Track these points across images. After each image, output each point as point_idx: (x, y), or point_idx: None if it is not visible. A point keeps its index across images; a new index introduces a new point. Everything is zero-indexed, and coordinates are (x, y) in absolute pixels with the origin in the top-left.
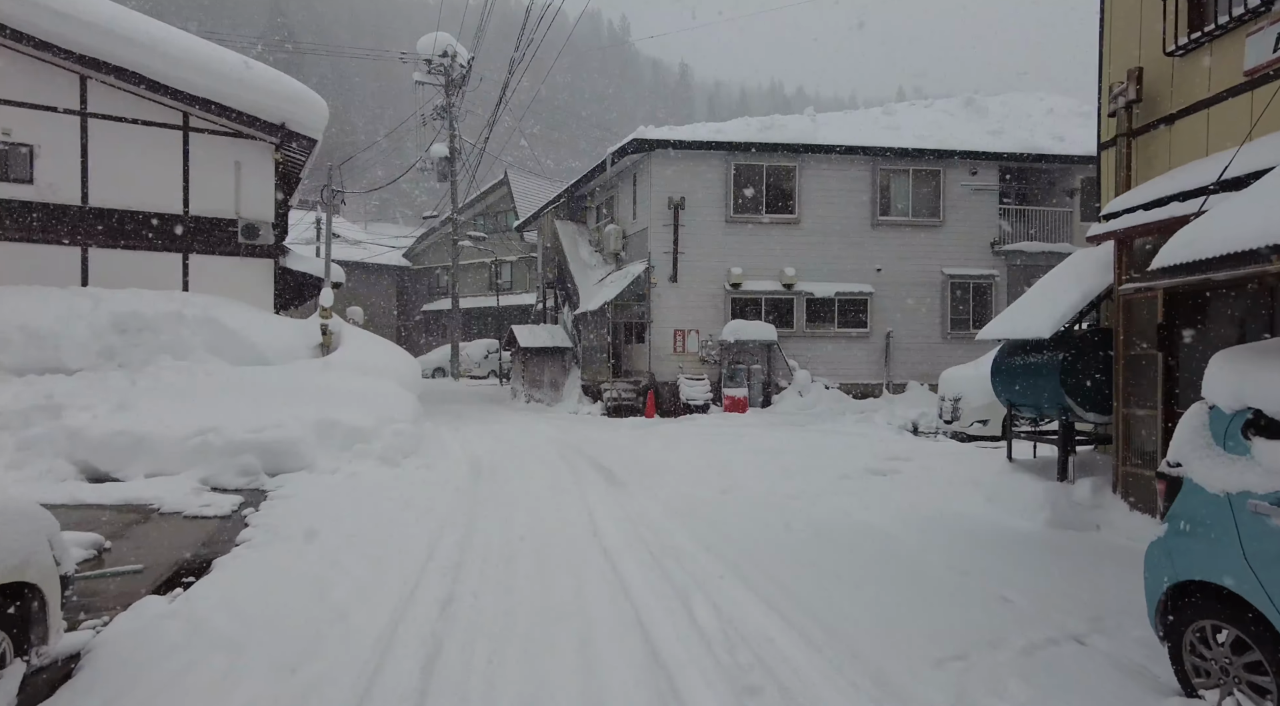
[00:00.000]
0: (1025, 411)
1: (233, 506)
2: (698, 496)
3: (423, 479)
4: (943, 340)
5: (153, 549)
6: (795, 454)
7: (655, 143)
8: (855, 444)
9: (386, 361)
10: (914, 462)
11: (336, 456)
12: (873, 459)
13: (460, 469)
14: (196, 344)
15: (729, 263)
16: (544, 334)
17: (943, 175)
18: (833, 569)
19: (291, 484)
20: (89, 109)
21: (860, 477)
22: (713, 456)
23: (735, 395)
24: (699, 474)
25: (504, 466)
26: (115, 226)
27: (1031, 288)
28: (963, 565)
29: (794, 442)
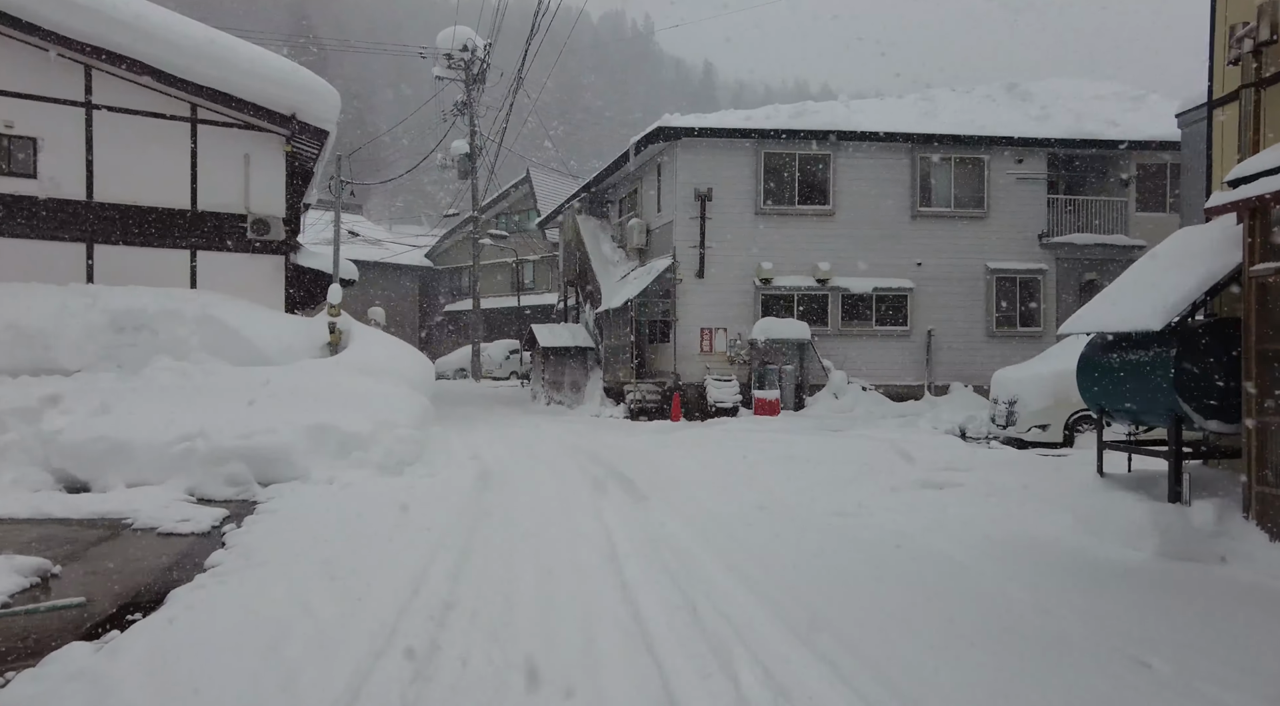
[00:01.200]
0: (1120, 418)
1: (213, 522)
2: (729, 513)
3: (423, 491)
4: (987, 339)
5: (107, 576)
6: (834, 462)
7: (680, 131)
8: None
9: (397, 362)
10: (973, 474)
11: (332, 464)
12: (925, 468)
13: (466, 480)
14: (196, 343)
15: (759, 257)
16: (565, 333)
17: (986, 164)
18: (900, 612)
19: (282, 496)
20: (94, 100)
21: (913, 491)
22: (743, 465)
23: (766, 397)
24: (729, 485)
25: (514, 476)
26: (121, 222)
27: (1126, 272)
28: (1061, 607)
29: (832, 449)
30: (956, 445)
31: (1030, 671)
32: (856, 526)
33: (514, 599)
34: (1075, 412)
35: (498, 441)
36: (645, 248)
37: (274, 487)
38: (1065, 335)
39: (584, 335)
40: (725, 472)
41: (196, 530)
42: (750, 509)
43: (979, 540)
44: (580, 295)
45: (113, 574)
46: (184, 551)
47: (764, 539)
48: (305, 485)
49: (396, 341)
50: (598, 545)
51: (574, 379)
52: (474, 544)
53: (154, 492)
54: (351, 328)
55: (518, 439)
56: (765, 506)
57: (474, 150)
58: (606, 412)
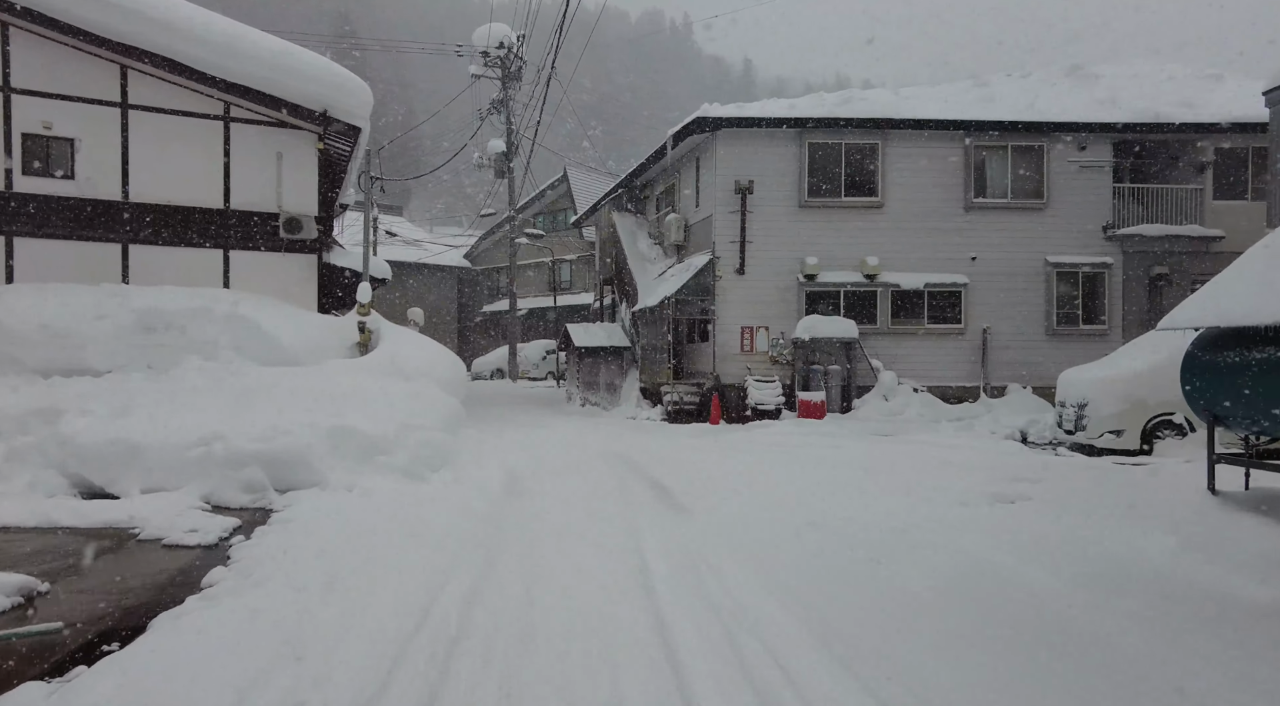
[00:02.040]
0: (1238, 425)
1: (222, 533)
2: (777, 528)
3: (445, 498)
4: (1047, 337)
5: (95, 596)
6: (890, 471)
7: (720, 121)
8: (961, 458)
9: (427, 362)
10: (1046, 485)
11: (354, 469)
12: (990, 478)
13: (492, 487)
14: (225, 343)
15: (803, 252)
16: (600, 333)
17: (1046, 151)
18: (991, 662)
19: (298, 504)
20: (129, 101)
21: (981, 505)
22: (790, 473)
23: (811, 399)
24: (775, 496)
25: (544, 483)
26: (155, 222)
27: (1238, 262)
28: (1190, 660)
29: (886, 456)
30: (1021, 452)
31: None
32: (923, 547)
33: (532, 636)
34: (1154, 417)
35: (529, 444)
36: (683, 244)
37: (291, 494)
38: (1170, 328)
39: (620, 334)
40: (770, 481)
41: (203, 542)
42: (800, 524)
43: (1070, 566)
44: (616, 294)
45: (102, 593)
46: (185, 567)
47: (818, 560)
48: (323, 492)
49: (428, 341)
50: (631, 568)
51: (610, 379)
52: (493, 563)
53: (168, 499)
54: (381, 327)
55: (550, 442)
56: (817, 522)
57: (510, 148)
58: (643, 415)
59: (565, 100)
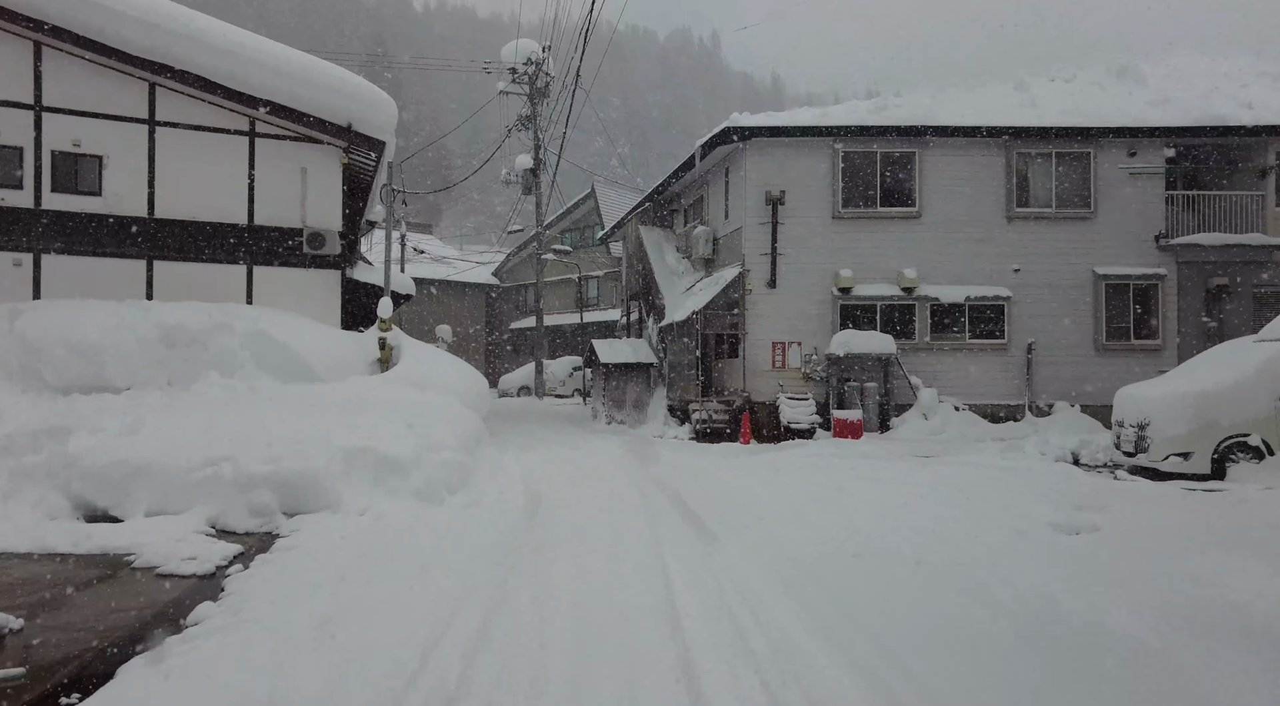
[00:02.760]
0: None
1: (221, 560)
2: (817, 558)
3: (461, 525)
4: (1096, 353)
5: (70, 634)
6: (937, 496)
7: (750, 131)
8: (1013, 482)
9: (449, 378)
10: (1113, 514)
11: (369, 492)
12: (1049, 505)
13: (511, 512)
14: (246, 359)
15: (837, 264)
16: (626, 349)
17: (1092, 157)
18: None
19: (307, 528)
20: (157, 117)
21: (1044, 535)
22: (828, 496)
23: (847, 418)
24: (813, 521)
25: (566, 505)
26: (180, 238)
27: None
28: None
29: (930, 479)
30: (1077, 476)
31: None
32: (986, 583)
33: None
34: (1228, 439)
35: (552, 464)
36: (712, 257)
37: (300, 519)
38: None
39: (646, 350)
40: (807, 506)
41: (200, 571)
42: (845, 554)
43: (1163, 611)
44: (643, 309)
45: (79, 631)
46: (175, 599)
47: (866, 595)
48: (334, 516)
49: (449, 357)
50: (657, 605)
51: (636, 396)
52: (505, 600)
53: (171, 523)
54: (402, 343)
55: (574, 461)
56: (864, 553)
57: (537, 164)
58: (670, 433)
59: (594, 118)
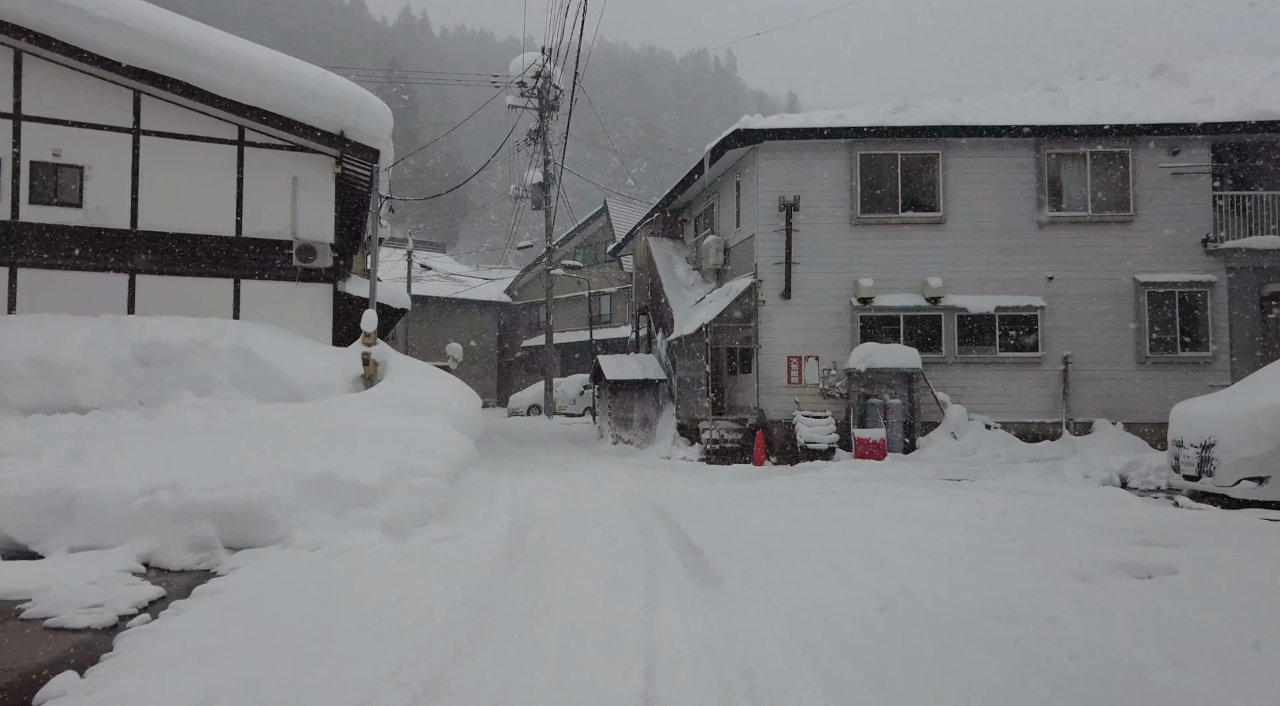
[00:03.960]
0: None
1: (130, 608)
2: (840, 610)
3: (430, 564)
4: (1139, 366)
5: None
6: (975, 528)
7: (761, 133)
8: (1060, 511)
9: (437, 396)
10: (1189, 550)
11: (329, 524)
12: (1110, 540)
13: (491, 546)
14: (225, 378)
15: (856, 273)
16: (634, 365)
17: (1131, 158)
18: None
19: (248, 567)
20: (141, 126)
21: (1110, 579)
22: (851, 528)
23: (869, 437)
24: (835, 561)
25: (556, 541)
26: (164, 251)
27: None
28: None
29: (965, 508)
30: (1131, 503)
31: None
32: (1043, 643)
33: None
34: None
35: (550, 489)
36: (723, 267)
37: (244, 554)
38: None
39: (655, 366)
40: (827, 541)
41: (97, 623)
42: (873, 605)
43: (1273, 681)
44: (652, 324)
45: None
46: (44, 664)
47: (900, 660)
48: (284, 552)
49: (439, 373)
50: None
51: (644, 415)
52: (463, 673)
53: (95, 561)
54: (389, 359)
55: (573, 486)
56: (895, 604)
57: (547, 178)
58: (679, 454)
59: (610, 138)
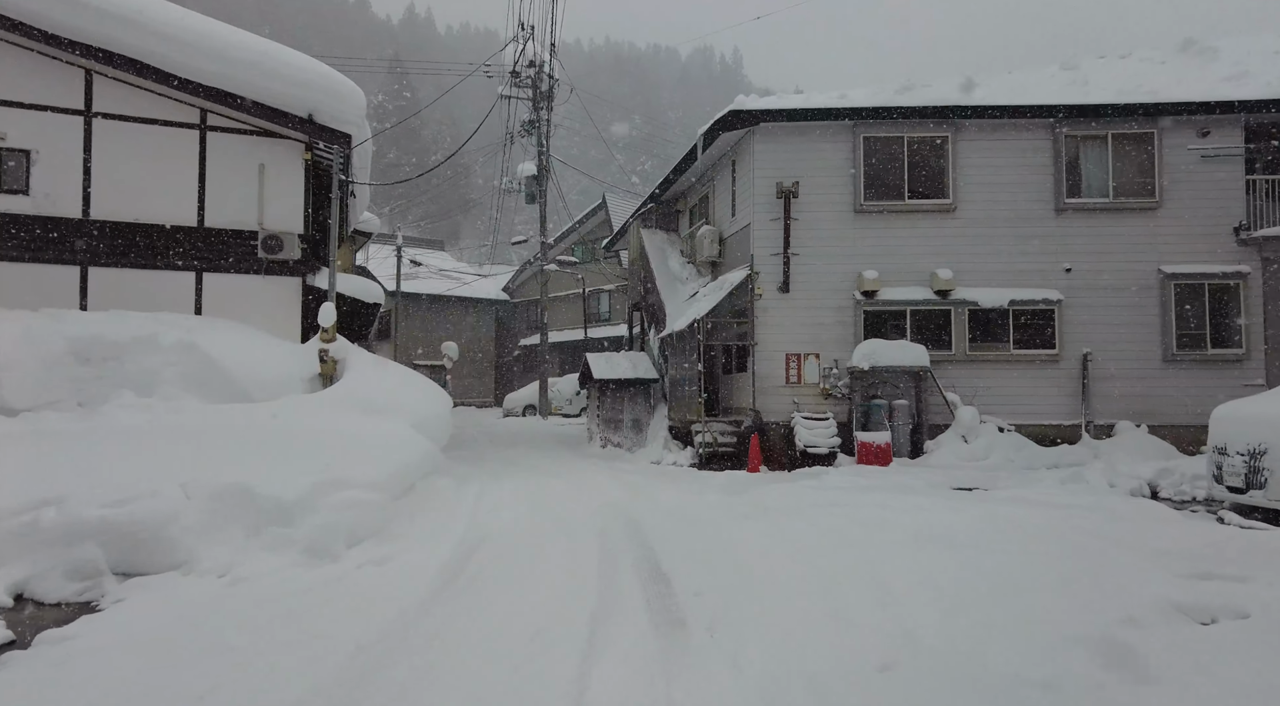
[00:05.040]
0: None
1: None
2: (831, 668)
3: (339, 597)
4: (1165, 364)
5: None
6: (997, 551)
7: (758, 114)
8: (1091, 528)
9: (399, 396)
10: (1259, 586)
11: (240, 545)
12: (1157, 569)
13: (425, 572)
14: (172, 376)
15: (859, 264)
16: (624, 363)
17: (1157, 139)
18: None
19: (134, 599)
20: (94, 108)
21: (1164, 626)
22: (853, 551)
23: (873, 441)
24: (832, 595)
25: (501, 566)
26: (120, 241)
27: None
28: None
29: (984, 524)
30: (1170, 518)
31: None
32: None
33: None
34: None
35: (521, 498)
36: (719, 259)
37: (136, 583)
38: None
39: (647, 365)
40: (824, 567)
41: None
42: (869, 661)
43: None
44: (645, 320)
45: None
46: None
47: None
48: (183, 580)
49: (403, 371)
50: None
51: (635, 416)
52: None
53: None
54: (349, 356)
55: (547, 495)
56: (895, 661)
57: (541, 171)
58: (669, 458)
59: (609, 133)
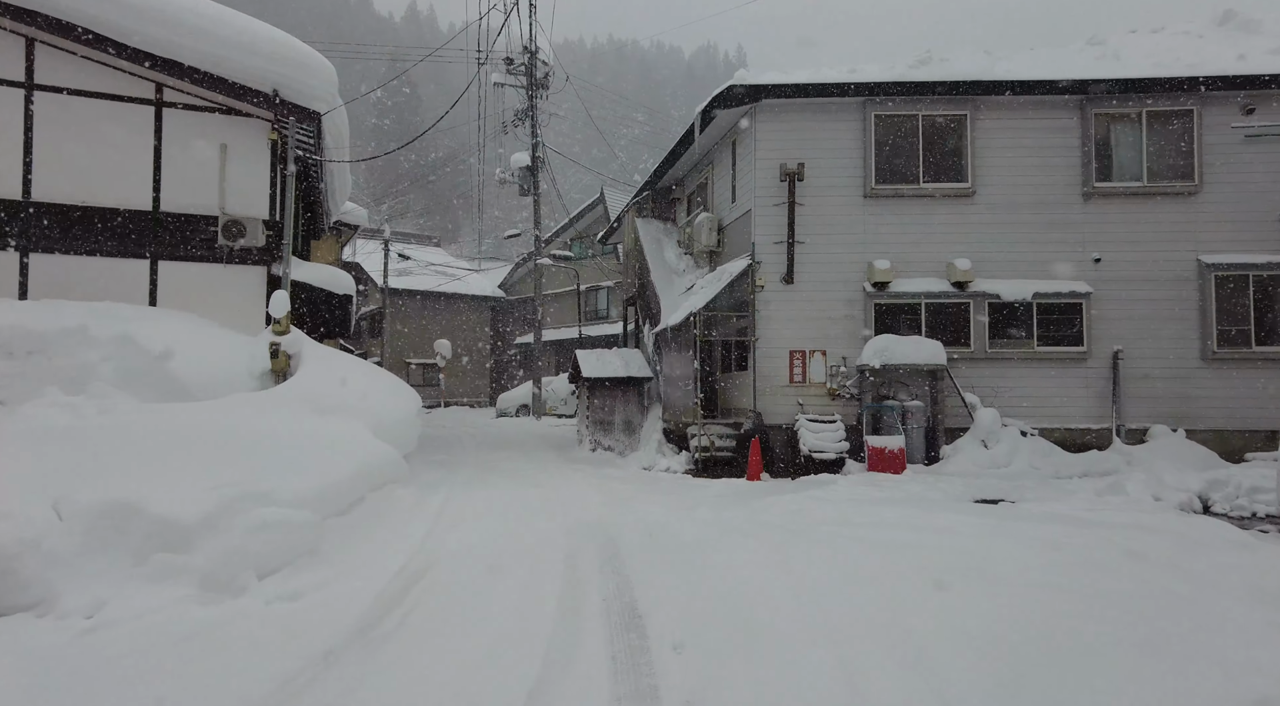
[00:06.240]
0: None
1: None
2: None
3: (224, 647)
4: (1204, 363)
5: None
6: (1048, 587)
7: (760, 90)
8: (1165, 558)
9: (359, 395)
10: None
11: (122, 577)
12: (1264, 619)
13: (346, 611)
14: (108, 372)
15: (870, 253)
16: (615, 361)
17: (1196, 117)
18: None
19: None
20: (36, 80)
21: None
22: (870, 589)
23: (885, 446)
24: (844, 657)
25: (441, 603)
26: (65, 226)
27: None
28: None
29: (1025, 549)
30: (1247, 543)
31: None
32: None
33: None
34: None
35: (490, 512)
36: (717, 249)
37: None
38: None
39: (640, 363)
40: (837, 615)
41: None
42: None
43: None
44: (640, 315)
45: None
46: None
47: None
48: (36, 623)
49: (368, 367)
50: None
51: (626, 417)
52: None
53: None
54: (303, 349)
55: (521, 508)
56: None
57: (535, 162)
58: (662, 464)
59: (619, 133)
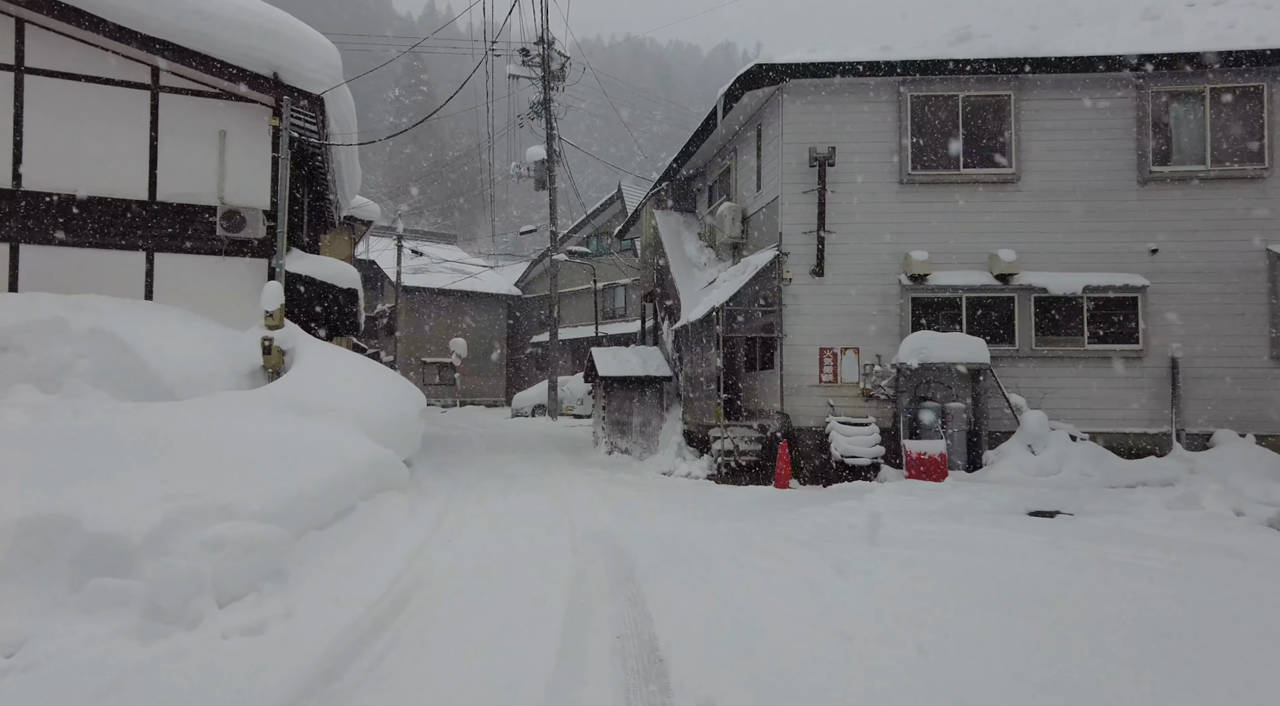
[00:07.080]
0: None
1: None
2: None
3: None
4: (1275, 362)
5: None
6: (1146, 633)
7: (787, 69)
8: (1275, 589)
9: (352, 394)
10: None
11: (51, 604)
12: None
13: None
14: (85, 369)
15: (906, 244)
16: (633, 359)
17: (1266, 94)
18: None
19: None
20: (26, 63)
21: None
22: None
23: (924, 452)
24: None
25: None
26: (56, 216)
27: None
28: None
29: (1097, 575)
30: None
31: None
32: None
33: None
34: None
35: (491, 524)
36: (741, 240)
37: None
38: None
39: (659, 361)
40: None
41: None
42: None
43: None
44: (659, 311)
45: None
46: None
47: None
48: None
49: (368, 364)
50: None
51: (644, 419)
52: None
53: None
54: (298, 345)
55: (526, 519)
56: None
57: (550, 155)
58: (682, 469)
59: (638, 131)
